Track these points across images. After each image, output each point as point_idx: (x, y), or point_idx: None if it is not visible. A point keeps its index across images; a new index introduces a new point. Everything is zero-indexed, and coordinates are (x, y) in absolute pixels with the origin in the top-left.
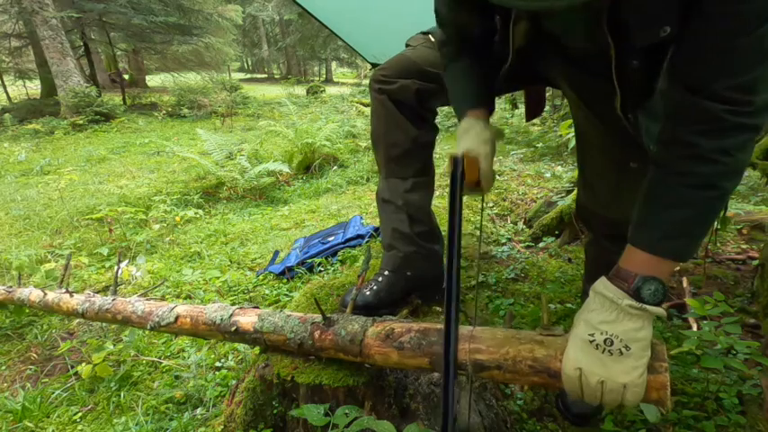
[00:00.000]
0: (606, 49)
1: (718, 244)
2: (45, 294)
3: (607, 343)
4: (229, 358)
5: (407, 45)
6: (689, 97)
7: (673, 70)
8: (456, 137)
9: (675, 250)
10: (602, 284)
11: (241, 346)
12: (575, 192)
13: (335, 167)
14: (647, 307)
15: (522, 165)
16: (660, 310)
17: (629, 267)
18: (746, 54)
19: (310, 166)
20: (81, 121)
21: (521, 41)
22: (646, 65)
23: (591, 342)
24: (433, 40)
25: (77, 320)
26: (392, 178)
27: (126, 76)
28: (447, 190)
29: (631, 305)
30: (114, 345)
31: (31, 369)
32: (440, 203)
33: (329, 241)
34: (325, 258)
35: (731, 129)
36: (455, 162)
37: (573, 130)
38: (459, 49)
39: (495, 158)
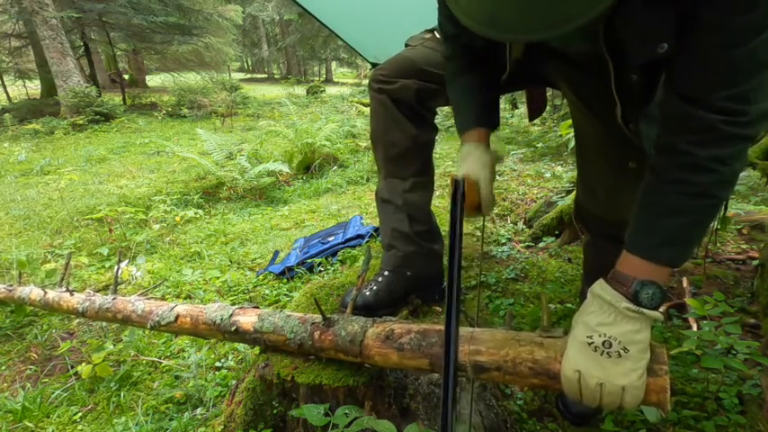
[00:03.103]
0: (605, 63)
1: (718, 244)
2: (45, 293)
3: (605, 345)
4: (229, 358)
5: (407, 45)
6: (685, 107)
7: (669, 80)
8: (458, 158)
9: (672, 257)
10: (600, 287)
11: (241, 346)
12: (574, 192)
13: (335, 167)
14: (645, 311)
15: (522, 165)
16: (658, 315)
17: (626, 271)
18: (742, 65)
19: (310, 166)
20: (81, 121)
21: (518, 54)
22: (645, 78)
23: (589, 344)
24: (438, 36)
25: (77, 320)
26: (391, 178)
27: (126, 76)
28: (447, 190)
29: (629, 308)
30: (114, 345)
31: (31, 369)
32: (439, 203)
33: (329, 241)
34: (325, 258)
35: (727, 138)
36: (456, 184)
37: (573, 130)
38: (463, 64)
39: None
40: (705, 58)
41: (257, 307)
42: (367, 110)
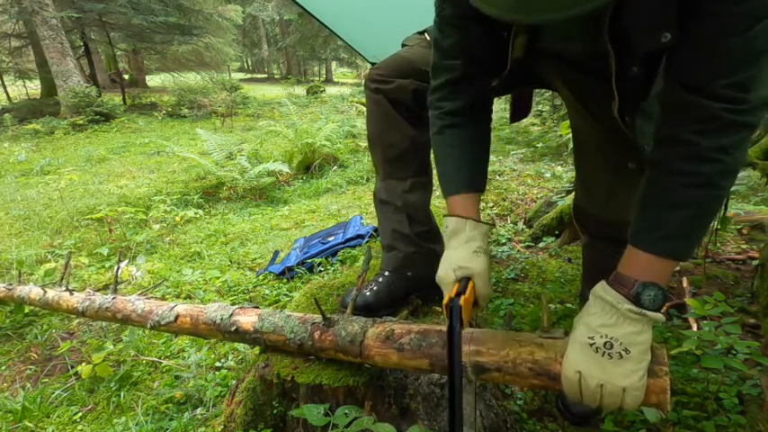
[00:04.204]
0: (606, 56)
1: (718, 244)
2: (45, 292)
3: (607, 346)
4: (229, 358)
5: (403, 45)
6: (687, 96)
7: (670, 70)
8: (443, 232)
9: (676, 250)
10: (602, 288)
11: (241, 346)
12: (574, 192)
13: (335, 167)
14: (647, 312)
15: (522, 165)
16: (659, 316)
17: (628, 273)
18: (742, 53)
19: (310, 166)
20: (81, 121)
21: (518, 54)
22: (645, 71)
23: (591, 345)
24: (428, 38)
25: (77, 320)
26: (390, 179)
27: (126, 76)
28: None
29: (631, 309)
30: (114, 345)
31: (31, 369)
32: (439, 204)
33: (329, 241)
34: (325, 258)
35: (729, 127)
36: (451, 311)
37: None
38: (454, 111)
39: (495, 159)
40: (705, 46)
41: (257, 307)
42: None
